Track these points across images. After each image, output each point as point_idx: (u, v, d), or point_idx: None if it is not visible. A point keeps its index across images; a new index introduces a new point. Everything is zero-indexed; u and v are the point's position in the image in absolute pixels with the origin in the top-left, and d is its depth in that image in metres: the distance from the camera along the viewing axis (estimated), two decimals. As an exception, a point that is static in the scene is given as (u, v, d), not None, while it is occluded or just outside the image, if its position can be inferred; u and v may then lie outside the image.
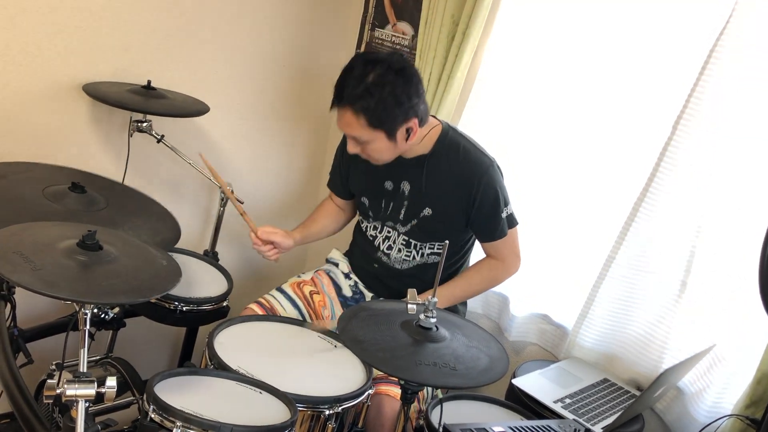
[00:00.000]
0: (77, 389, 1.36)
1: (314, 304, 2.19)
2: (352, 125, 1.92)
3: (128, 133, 2.31)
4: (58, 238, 1.51)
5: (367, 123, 1.90)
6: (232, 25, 2.54)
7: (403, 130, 1.94)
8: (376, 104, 1.87)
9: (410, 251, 2.14)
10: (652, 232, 2.03)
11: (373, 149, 1.97)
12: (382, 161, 2.03)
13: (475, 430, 1.56)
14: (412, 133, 1.96)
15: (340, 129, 1.98)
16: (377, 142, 1.95)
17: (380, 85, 1.87)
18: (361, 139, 1.94)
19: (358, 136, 1.94)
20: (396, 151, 2.01)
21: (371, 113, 1.88)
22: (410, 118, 1.93)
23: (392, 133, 1.93)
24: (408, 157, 2.07)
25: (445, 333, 1.57)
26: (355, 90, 1.88)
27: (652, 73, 2.11)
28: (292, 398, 1.61)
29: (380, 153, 1.99)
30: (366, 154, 2.01)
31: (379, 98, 1.87)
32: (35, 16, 2.08)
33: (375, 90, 1.87)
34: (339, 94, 1.92)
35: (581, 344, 2.21)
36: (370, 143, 1.95)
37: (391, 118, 1.90)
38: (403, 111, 1.91)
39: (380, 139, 1.94)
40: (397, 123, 1.92)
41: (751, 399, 1.81)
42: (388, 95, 1.88)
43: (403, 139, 1.96)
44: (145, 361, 2.33)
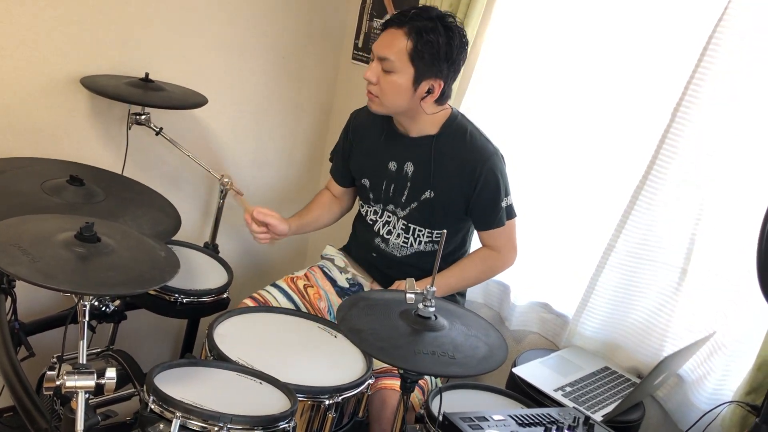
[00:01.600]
0: (77, 381, 1.36)
1: (309, 296, 2.19)
2: (394, 46, 1.91)
3: (127, 126, 2.32)
4: (56, 231, 1.51)
5: (410, 50, 1.90)
6: (230, 16, 2.53)
7: (427, 86, 1.95)
8: (431, 41, 1.89)
9: (408, 237, 2.14)
10: (652, 220, 2.02)
11: (392, 82, 1.94)
12: (385, 104, 1.99)
13: (475, 418, 1.56)
14: (431, 95, 1.96)
15: (376, 49, 1.96)
16: (401, 76, 1.93)
17: (441, 32, 1.90)
18: (391, 65, 1.92)
19: (392, 59, 1.91)
20: (405, 102, 1.98)
21: (420, 44, 1.89)
22: (440, 78, 1.95)
23: (421, 77, 1.93)
24: (414, 136, 2.07)
25: (444, 322, 1.57)
26: (421, 20, 1.90)
27: (650, 61, 2.10)
28: (292, 388, 1.62)
29: (394, 92, 1.96)
30: (378, 88, 1.97)
31: (436, 39, 1.89)
32: (32, 9, 2.07)
33: (440, 31, 1.90)
34: (402, 15, 1.93)
35: (582, 333, 2.21)
36: (394, 74, 1.93)
37: (431, 62, 1.91)
38: (444, 66, 1.93)
39: (407, 75, 1.93)
40: (432, 72, 1.93)
41: (751, 386, 1.81)
42: (445, 44, 1.90)
43: (420, 95, 1.96)
44: (147, 353, 2.34)
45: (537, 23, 2.29)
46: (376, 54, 1.96)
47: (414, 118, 2.04)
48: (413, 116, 2.04)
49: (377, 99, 2.00)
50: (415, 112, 2.02)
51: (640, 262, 2.07)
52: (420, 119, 2.04)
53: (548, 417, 1.62)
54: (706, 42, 1.88)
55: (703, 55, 1.88)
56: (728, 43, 1.84)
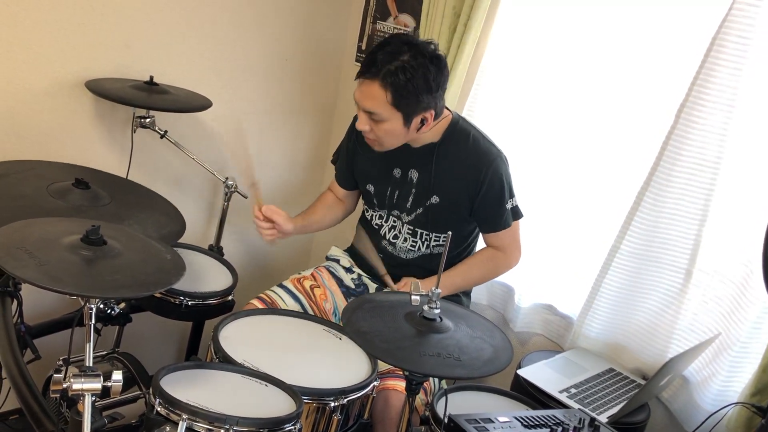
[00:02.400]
0: (83, 383, 1.36)
1: (315, 297, 2.19)
2: (374, 99, 1.89)
3: (131, 129, 2.32)
4: (62, 234, 1.52)
5: (391, 100, 1.87)
6: (234, 19, 2.54)
7: (419, 119, 1.93)
8: (406, 84, 1.86)
9: (416, 241, 2.14)
10: (656, 222, 2.02)
11: (385, 130, 1.94)
12: (386, 146, 2.01)
13: (480, 420, 1.56)
14: (426, 125, 1.95)
15: (359, 101, 1.94)
16: (392, 123, 1.92)
17: (414, 67, 1.86)
18: (378, 116, 1.91)
19: (377, 112, 1.90)
20: (404, 139, 1.99)
21: (399, 91, 1.86)
22: (430, 108, 1.93)
23: (410, 117, 1.92)
24: (416, 146, 2.07)
25: (449, 324, 1.57)
26: (388, 65, 1.86)
27: (654, 62, 2.10)
28: (297, 390, 1.62)
29: (390, 136, 1.96)
30: (374, 135, 1.97)
31: (411, 78, 1.85)
32: (37, 13, 2.08)
33: (409, 70, 1.85)
34: (370, 65, 1.89)
35: (586, 334, 2.21)
36: (384, 123, 1.92)
37: (415, 102, 1.89)
38: (427, 99, 1.90)
39: (396, 120, 1.91)
40: (419, 109, 1.91)
41: (757, 387, 1.81)
42: (420, 78, 1.86)
43: (415, 128, 1.95)
44: (152, 355, 2.34)
45: (541, 25, 2.29)
46: (360, 107, 1.95)
47: (416, 139, 2.05)
48: (416, 137, 2.04)
49: (376, 142, 2.00)
50: (417, 137, 2.02)
51: (644, 263, 2.07)
52: (421, 137, 2.04)
53: (553, 418, 1.62)
54: (710, 43, 1.88)
55: (707, 56, 1.88)
56: (733, 44, 1.84)
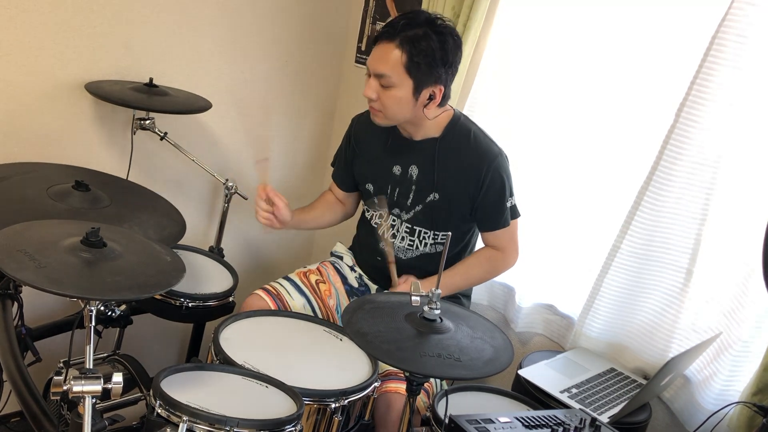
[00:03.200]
0: (84, 385, 1.36)
1: (320, 292, 2.20)
2: (388, 61, 1.88)
3: (131, 131, 2.32)
4: (62, 236, 1.52)
5: (405, 63, 1.87)
6: (234, 21, 2.54)
7: (428, 93, 1.93)
8: (425, 50, 1.86)
9: (414, 239, 2.14)
10: (657, 221, 2.02)
11: (392, 97, 1.92)
12: (389, 117, 1.98)
13: (481, 420, 1.56)
14: (433, 101, 1.95)
15: (371, 65, 1.93)
16: (401, 90, 1.91)
17: (432, 37, 1.87)
18: (388, 80, 1.90)
19: (389, 74, 1.89)
20: (409, 112, 1.97)
21: (415, 55, 1.86)
22: (440, 84, 1.93)
23: (420, 87, 1.91)
24: (417, 139, 2.07)
25: (449, 324, 1.57)
26: (411, 30, 1.87)
27: (654, 61, 2.10)
28: (298, 392, 1.62)
29: (396, 104, 1.94)
30: (380, 103, 1.95)
31: (429, 47, 1.86)
32: (36, 16, 2.08)
33: (430, 38, 1.87)
34: (391, 27, 1.89)
35: (587, 334, 2.20)
36: (393, 88, 1.91)
37: (429, 71, 1.89)
38: (442, 71, 1.91)
39: (406, 88, 1.91)
40: (431, 80, 1.91)
41: (758, 386, 1.81)
42: (439, 50, 1.87)
43: (422, 103, 1.95)
44: (153, 357, 2.34)
45: (539, 25, 2.29)
46: (372, 70, 1.93)
47: (418, 124, 2.04)
48: (417, 122, 2.04)
49: (380, 113, 1.98)
50: (419, 118, 2.01)
51: (645, 262, 2.07)
52: (423, 124, 2.04)
53: (554, 419, 1.62)
54: (710, 42, 1.88)
55: (707, 55, 1.88)
56: (732, 43, 1.84)
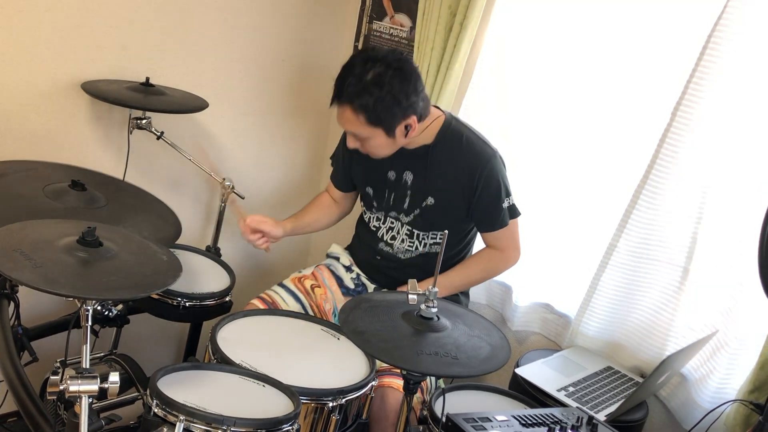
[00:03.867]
0: (80, 385, 1.36)
1: (316, 297, 2.20)
2: (351, 122, 1.95)
3: (128, 130, 2.32)
4: (58, 236, 1.52)
5: (366, 120, 1.93)
6: (230, 20, 2.53)
7: (402, 127, 1.97)
8: (375, 103, 1.90)
9: (413, 241, 2.15)
10: (654, 220, 2.02)
11: (372, 145, 2.01)
12: (381, 156, 2.06)
13: (478, 419, 1.56)
14: (411, 129, 1.99)
15: (340, 125, 2.01)
16: (376, 139, 1.98)
17: (379, 84, 1.89)
18: (361, 135, 1.98)
19: (358, 132, 1.97)
20: (395, 146, 2.03)
21: (370, 111, 1.91)
22: (409, 115, 1.96)
23: (391, 130, 1.96)
24: (410, 148, 2.08)
25: (446, 323, 1.57)
26: (354, 88, 1.91)
27: (650, 60, 2.10)
28: (295, 391, 1.62)
29: (379, 149, 2.02)
30: (365, 150, 2.04)
31: (378, 97, 1.89)
32: (32, 15, 2.08)
33: (373, 89, 1.89)
34: (339, 91, 1.95)
35: (584, 333, 2.21)
36: (370, 139, 1.98)
37: (389, 116, 1.93)
38: (401, 109, 1.93)
39: (379, 135, 1.96)
40: (396, 120, 1.95)
41: (755, 384, 1.81)
42: (387, 94, 1.90)
43: (402, 135, 1.99)
44: (150, 357, 2.33)
45: (537, 23, 2.29)
46: (343, 129, 2.03)
47: (409, 142, 2.06)
48: (407, 142, 2.06)
49: (371, 154, 2.06)
50: (408, 141, 2.05)
51: (641, 261, 2.07)
52: (414, 139, 2.06)
53: (551, 417, 1.62)
54: (705, 40, 1.88)
55: (703, 54, 1.89)
56: (728, 41, 1.84)
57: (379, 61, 1.92)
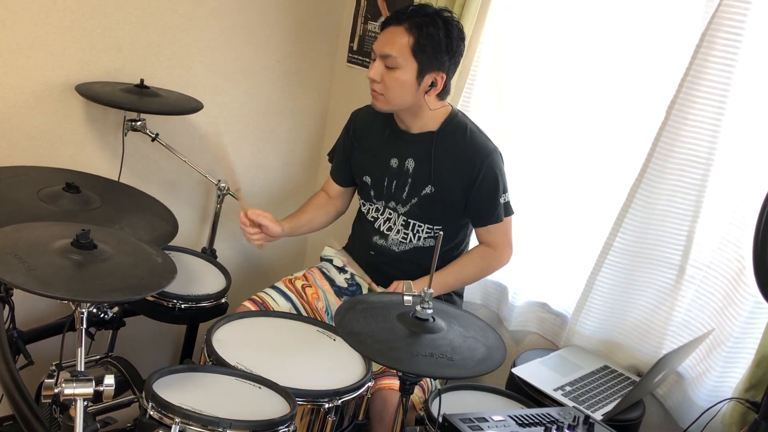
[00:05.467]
0: (75, 388, 1.36)
1: (307, 296, 2.19)
2: (395, 43, 1.94)
3: (122, 132, 2.32)
4: (53, 238, 1.51)
5: (412, 45, 1.93)
6: (225, 21, 2.53)
7: (430, 80, 1.98)
8: (432, 35, 1.93)
9: (408, 233, 2.14)
10: (649, 218, 2.02)
11: (396, 79, 1.97)
12: (390, 100, 2.01)
13: (475, 419, 1.56)
14: (434, 89, 2.00)
15: (377, 47, 1.99)
16: (405, 72, 1.96)
17: (440, 26, 1.94)
18: (394, 61, 1.95)
19: (395, 56, 1.94)
20: (410, 97, 2.01)
21: (422, 39, 1.93)
22: (443, 70, 1.98)
23: (424, 71, 1.96)
24: (414, 133, 2.09)
25: (441, 324, 1.57)
26: (421, 16, 1.95)
27: (645, 58, 2.10)
28: (291, 392, 1.62)
29: (398, 88, 1.98)
30: (383, 86, 1.99)
31: (436, 33, 1.94)
32: (26, 17, 2.08)
33: (438, 25, 1.94)
34: (401, 12, 1.97)
35: (581, 332, 2.21)
36: (398, 70, 1.96)
37: (433, 55, 1.95)
38: (446, 59, 1.97)
39: (410, 70, 1.96)
40: (434, 65, 1.97)
41: (751, 382, 1.81)
42: (445, 37, 1.95)
43: (423, 90, 1.99)
44: (146, 359, 2.33)
45: (531, 23, 2.30)
46: (378, 52, 1.99)
47: (416, 114, 2.07)
48: (416, 112, 2.06)
49: (382, 97, 2.02)
50: (418, 107, 2.05)
51: (637, 260, 2.07)
52: (422, 115, 2.06)
53: (548, 417, 1.62)
54: (699, 39, 1.88)
55: (698, 53, 1.88)
56: (722, 40, 1.84)
57: (447, 11, 2.00)
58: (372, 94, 2.04)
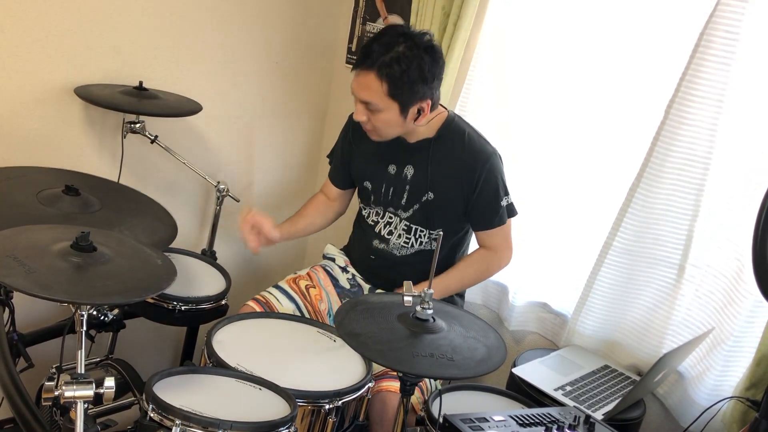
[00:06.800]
0: (75, 390, 1.36)
1: (311, 298, 2.19)
2: (370, 90, 1.93)
3: (122, 134, 2.31)
4: (52, 241, 1.51)
5: (387, 90, 1.91)
6: (223, 22, 2.53)
7: (416, 109, 1.97)
8: (402, 74, 1.89)
9: (410, 237, 2.14)
10: (648, 218, 2.03)
11: (382, 120, 1.97)
12: (383, 136, 2.03)
13: (475, 419, 1.56)
14: (422, 115, 1.98)
15: (355, 93, 1.97)
16: (389, 114, 1.95)
17: (409, 58, 1.90)
18: (375, 106, 1.94)
19: (374, 102, 1.94)
20: (401, 129, 2.01)
21: (394, 82, 1.90)
22: (426, 98, 1.96)
23: (406, 107, 1.95)
24: (412, 141, 2.08)
25: (442, 324, 1.57)
26: (384, 56, 1.90)
27: (644, 58, 2.10)
28: (291, 393, 1.62)
29: (387, 125, 1.99)
30: (371, 125, 2.00)
31: (406, 69, 1.89)
32: (24, 20, 2.07)
33: (404, 61, 1.89)
34: (366, 56, 1.93)
35: (581, 331, 2.21)
36: (381, 113, 1.95)
37: (411, 92, 1.92)
38: (423, 89, 1.94)
39: (393, 110, 1.94)
40: (415, 99, 1.94)
41: (751, 381, 1.81)
42: (415, 69, 1.90)
43: (412, 118, 1.98)
44: (147, 361, 2.33)
45: (530, 24, 2.30)
46: (357, 98, 1.98)
47: (412, 132, 2.07)
48: (411, 131, 2.06)
49: (373, 133, 2.03)
50: (412, 129, 2.05)
51: (637, 259, 2.07)
52: (417, 130, 2.07)
53: (549, 416, 1.62)
54: (698, 38, 1.88)
55: (696, 52, 1.89)
56: (720, 39, 1.84)
57: (412, 37, 1.93)
58: (364, 128, 2.05)
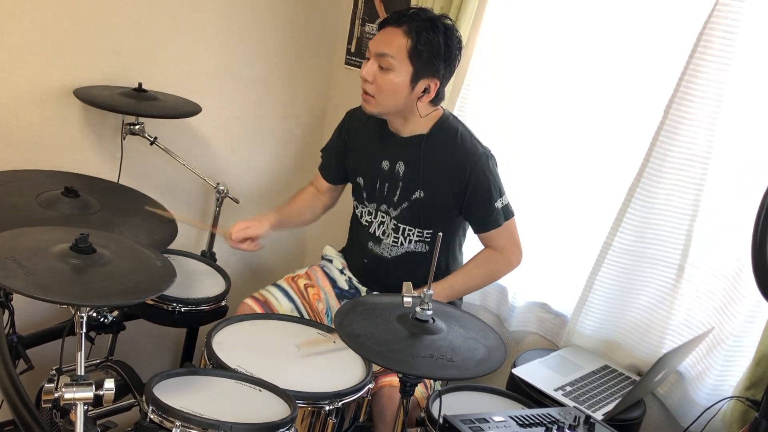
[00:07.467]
0: (75, 392, 1.36)
1: (309, 297, 2.19)
2: (392, 44, 1.93)
3: (121, 136, 2.32)
4: (52, 243, 1.51)
5: (409, 48, 1.92)
6: (222, 24, 2.53)
7: (423, 85, 1.97)
8: (430, 40, 1.92)
9: (398, 236, 2.13)
10: (648, 218, 2.02)
11: (389, 81, 1.95)
12: (381, 104, 2.00)
13: (475, 420, 1.55)
14: (427, 95, 1.98)
15: (373, 46, 1.97)
16: (399, 75, 1.94)
17: (440, 30, 1.93)
18: (389, 61, 1.93)
19: (391, 54, 1.92)
20: (401, 102, 1.99)
21: (420, 43, 1.91)
22: (437, 78, 1.97)
23: (418, 76, 1.95)
24: (405, 135, 2.08)
25: (441, 325, 1.57)
26: (421, 20, 1.93)
27: (642, 58, 2.10)
28: (291, 395, 1.62)
29: (390, 91, 1.96)
30: (375, 86, 1.97)
31: (435, 38, 1.92)
32: (24, 22, 2.07)
33: (438, 31, 1.93)
34: (401, 14, 1.95)
35: (581, 332, 2.21)
36: (392, 72, 1.94)
37: (429, 61, 1.94)
38: (440, 66, 1.95)
39: (404, 74, 1.94)
40: (429, 71, 1.95)
41: (751, 380, 1.81)
42: (444, 44, 1.93)
43: (416, 96, 1.98)
44: (147, 363, 2.33)
45: (528, 24, 2.30)
46: (374, 51, 1.96)
47: (407, 119, 2.05)
48: (407, 116, 2.05)
49: (373, 99, 1.99)
50: (409, 112, 2.03)
51: (637, 259, 2.07)
52: (412, 119, 2.05)
53: (549, 417, 1.62)
54: (697, 38, 1.89)
55: (694, 52, 1.89)
56: (719, 39, 1.84)
57: (448, 19, 1.99)
58: (362, 96, 2.02)
